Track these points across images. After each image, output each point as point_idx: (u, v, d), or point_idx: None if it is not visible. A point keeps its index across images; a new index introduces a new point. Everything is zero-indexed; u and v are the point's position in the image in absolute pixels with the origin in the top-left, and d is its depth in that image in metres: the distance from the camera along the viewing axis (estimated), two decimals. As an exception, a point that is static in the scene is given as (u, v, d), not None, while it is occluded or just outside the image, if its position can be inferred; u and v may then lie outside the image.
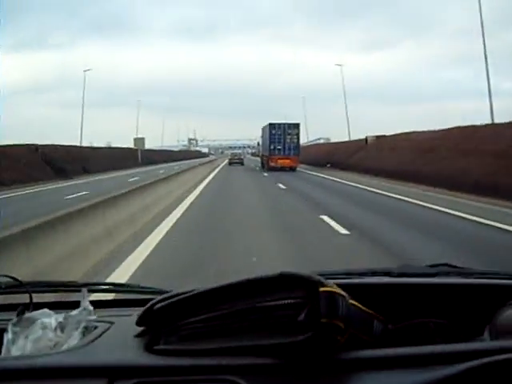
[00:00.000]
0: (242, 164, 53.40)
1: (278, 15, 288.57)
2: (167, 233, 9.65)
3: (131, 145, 62.40)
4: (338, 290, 0.99)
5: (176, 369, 0.99)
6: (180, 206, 14.30)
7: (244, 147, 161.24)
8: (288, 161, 39.33)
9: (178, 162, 62.94)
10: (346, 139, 51.56)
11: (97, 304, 1.35)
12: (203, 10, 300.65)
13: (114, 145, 70.27)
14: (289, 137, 39.68)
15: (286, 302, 0.99)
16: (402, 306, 1.24)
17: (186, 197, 16.97)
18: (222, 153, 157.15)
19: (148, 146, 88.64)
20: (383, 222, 11.36)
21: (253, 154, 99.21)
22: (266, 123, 44.21)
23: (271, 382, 0.96)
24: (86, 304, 1.23)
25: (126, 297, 1.62)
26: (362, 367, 0.97)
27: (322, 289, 0.97)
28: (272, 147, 39.48)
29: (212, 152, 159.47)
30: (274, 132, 39.64)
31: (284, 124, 40.14)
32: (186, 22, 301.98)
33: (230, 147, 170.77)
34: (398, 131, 37.18)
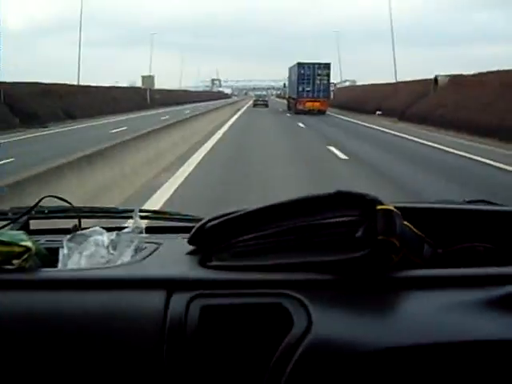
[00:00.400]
0: (266, 106, 51.75)
1: None
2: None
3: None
4: (395, 209, 1.00)
5: (232, 282, 1.00)
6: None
7: (269, 88, 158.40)
8: (317, 103, 36.99)
9: (196, 104, 55.42)
10: (378, 82, 48.49)
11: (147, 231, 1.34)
12: None
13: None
14: (318, 78, 37.10)
15: (344, 219, 1.00)
16: (450, 232, 1.24)
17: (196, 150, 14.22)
18: (245, 94, 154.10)
19: (167, 86, 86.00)
20: None
21: (278, 96, 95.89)
22: (293, 63, 41.56)
23: (327, 296, 0.96)
24: (138, 222, 1.27)
25: (173, 224, 1.60)
26: (415, 286, 0.98)
27: (379, 207, 0.98)
28: (300, 88, 37.03)
29: (235, 93, 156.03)
30: (302, 72, 37.06)
31: (314, 64, 37.42)
32: None
33: (255, 88, 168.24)
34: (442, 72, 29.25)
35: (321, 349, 0.88)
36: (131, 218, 1.36)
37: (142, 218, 1.48)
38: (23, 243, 1.09)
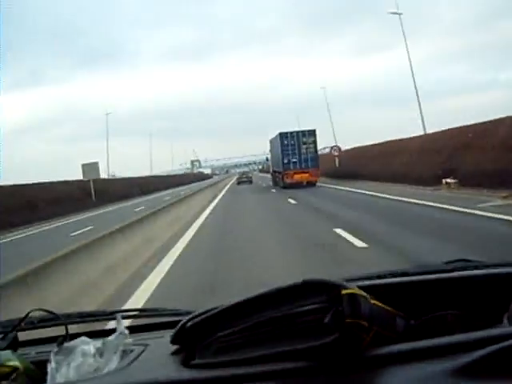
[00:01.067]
0: (250, 182, 52.32)
1: (271, 30, 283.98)
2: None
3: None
4: (360, 292, 1.05)
5: (214, 380, 1.03)
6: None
7: (250, 164, 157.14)
8: (306, 175, 33.67)
9: (166, 192, 50.45)
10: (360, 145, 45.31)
11: (129, 329, 1.36)
12: (193, 32, 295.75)
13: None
14: (304, 146, 33.99)
15: (312, 307, 1.05)
16: (422, 303, 1.28)
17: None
18: (226, 172, 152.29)
19: (147, 173, 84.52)
20: None
21: (261, 171, 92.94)
22: (272, 135, 38.60)
23: (304, 383, 1.00)
24: (121, 328, 1.30)
25: (156, 321, 1.66)
26: (389, 362, 1.01)
27: (344, 291, 1.03)
28: (285, 160, 33.82)
29: (217, 172, 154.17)
30: (286, 142, 33.97)
31: (297, 132, 34.46)
32: (178, 45, 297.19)
33: (236, 165, 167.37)
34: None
35: None
36: (108, 319, 1.51)
37: (127, 317, 1.50)
38: (11, 363, 1.17)
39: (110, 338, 1.28)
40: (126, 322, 1.48)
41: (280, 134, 34.34)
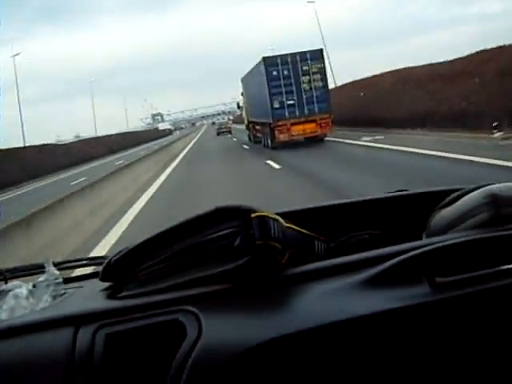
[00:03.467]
0: (230, 133, 53.06)
1: None
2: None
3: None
4: (270, 214, 1.08)
5: (135, 308, 1.06)
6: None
7: (219, 114, 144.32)
8: (311, 125, 20.76)
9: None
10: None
11: (67, 280, 1.41)
12: None
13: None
14: (306, 79, 20.79)
15: (224, 232, 1.09)
16: (343, 226, 1.35)
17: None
18: (193, 125, 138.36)
19: (107, 132, 73.97)
20: None
21: (234, 122, 78.07)
22: (249, 67, 25.38)
23: (217, 305, 1.04)
24: (50, 269, 1.33)
25: (97, 269, 1.52)
26: (303, 279, 1.05)
27: (253, 214, 1.06)
28: (276, 104, 20.70)
29: (182, 126, 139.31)
30: (275, 74, 20.72)
31: (293, 55, 21.03)
32: None
33: (203, 117, 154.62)
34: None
35: (211, 352, 0.94)
36: (38, 273, 1.43)
37: (60, 269, 1.47)
38: None
39: (40, 278, 1.31)
40: (64, 274, 1.45)
41: (264, 59, 21.00)
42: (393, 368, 0.96)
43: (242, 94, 31.42)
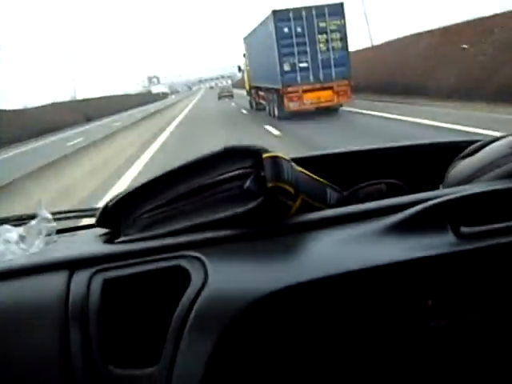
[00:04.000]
0: (232, 97, 50.14)
1: None
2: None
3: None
4: (283, 155, 1.03)
5: (134, 253, 1.01)
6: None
7: (217, 78, 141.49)
8: (328, 93, 17.89)
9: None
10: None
11: (62, 231, 1.34)
12: None
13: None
14: (322, 37, 17.76)
15: (234, 173, 1.03)
16: (357, 175, 1.28)
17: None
18: (190, 88, 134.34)
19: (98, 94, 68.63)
20: None
21: (233, 86, 74.03)
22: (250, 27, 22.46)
23: (224, 250, 0.99)
24: (43, 212, 1.25)
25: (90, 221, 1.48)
26: (315, 227, 1.01)
27: (265, 155, 1.01)
28: (287, 66, 17.62)
29: (178, 89, 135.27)
30: (286, 31, 17.54)
31: (308, 9, 17.80)
32: None
33: (200, 81, 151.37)
34: None
35: (218, 299, 0.90)
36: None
37: (55, 219, 1.35)
38: None
39: (32, 222, 1.23)
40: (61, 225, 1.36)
41: (274, 13, 17.76)
42: (414, 321, 0.93)
43: (244, 56, 28.23)
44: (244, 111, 26.65)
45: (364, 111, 17.64)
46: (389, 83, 22.75)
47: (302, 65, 17.61)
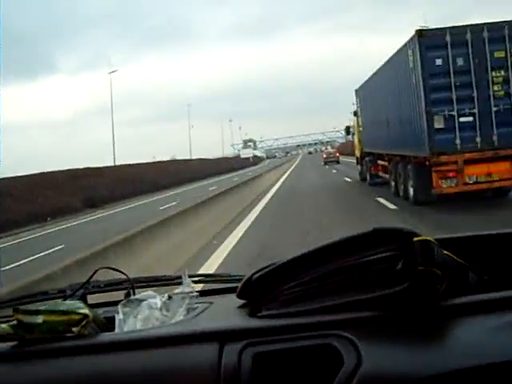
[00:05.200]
0: (337, 162, 50.21)
1: (337, 4, 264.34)
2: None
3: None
4: (432, 239, 1.04)
5: (282, 328, 1.04)
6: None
7: (316, 143, 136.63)
8: (506, 165, 10.89)
9: None
10: None
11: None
12: (258, 8, 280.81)
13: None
14: (498, 74, 10.90)
15: (383, 255, 1.03)
16: (495, 258, 1.25)
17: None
18: (287, 154, 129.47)
19: (203, 156, 72.42)
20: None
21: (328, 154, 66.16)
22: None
23: (375, 332, 0.99)
24: (187, 282, 1.35)
25: (222, 286, 1.64)
26: (461, 312, 1.01)
27: (416, 239, 1.02)
28: (439, 122, 10.89)
29: (276, 154, 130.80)
30: (438, 63, 10.92)
31: (477, 28, 11.06)
32: (242, 22, 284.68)
33: (298, 145, 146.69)
34: None
35: (372, 383, 0.90)
36: (176, 284, 1.44)
37: (193, 282, 1.47)
38: (81, 311, 1.20)
39: (176, 291, 1.31)
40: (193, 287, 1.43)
41: (420, 34, 11.06)
42: None
43: (356, 114, 21.92)
44: (348, 179, 24.25)
45: None
46: None
47: (463, 119, 10.77)
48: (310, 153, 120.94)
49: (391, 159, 14.88)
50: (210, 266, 7.70)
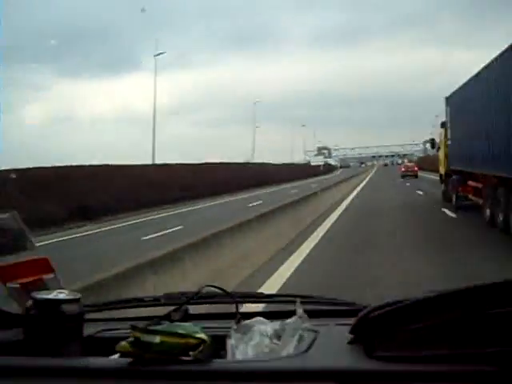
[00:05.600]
0: (416, 176, 49.03)
1: (422, 15, 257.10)
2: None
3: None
4: None
5: (399, 374, 1.01)
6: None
7: (392, 155, 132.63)
8: None
9: None
10: None
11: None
12: (344, 15, 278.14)
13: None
14: None
15: (508, 309, 0.99)
16: None
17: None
18: (361, 164, 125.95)
19: (275, 161, 72.07)
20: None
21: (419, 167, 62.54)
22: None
23: None
24: (301, 312, 1.33)
25: (324, 308, 1.64)
26: None
27: None
28: None
29: (350, 164, 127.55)
30: None
31: None
32: (325, 28, 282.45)
33: (373, 156, 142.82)
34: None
35: None
36: (284, 302, 1.56)
37: (306, 303, 1.48)
38: (198, 335, 1.22)
39: (288, 320, 1.30)
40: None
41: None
42: None
43: (444, 125, 19.26)
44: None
45: None
46: None
47: None
48: (385, 165, 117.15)
49: (488, 181, 12.35)
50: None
